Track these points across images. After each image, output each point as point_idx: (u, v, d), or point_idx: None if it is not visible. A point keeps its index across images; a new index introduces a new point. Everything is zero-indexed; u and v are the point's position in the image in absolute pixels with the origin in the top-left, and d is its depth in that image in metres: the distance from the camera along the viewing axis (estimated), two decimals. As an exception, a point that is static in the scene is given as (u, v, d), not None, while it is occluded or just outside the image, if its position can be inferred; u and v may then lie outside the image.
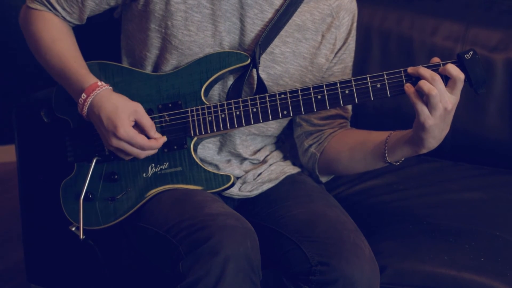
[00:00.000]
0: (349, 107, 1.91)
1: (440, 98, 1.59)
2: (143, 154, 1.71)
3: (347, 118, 1.90)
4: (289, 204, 1.79)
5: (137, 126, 1.71)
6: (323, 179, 1.93)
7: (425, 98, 1.60)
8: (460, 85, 1.61)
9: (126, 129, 1.67)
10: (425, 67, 1.63)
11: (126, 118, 1.68)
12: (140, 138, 1.69)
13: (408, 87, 1.62)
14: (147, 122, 1.70)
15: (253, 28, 1.76)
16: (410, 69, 1.64)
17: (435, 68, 1.63)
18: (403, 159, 1.75)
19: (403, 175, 2.24)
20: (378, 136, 1.76)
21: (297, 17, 1.79)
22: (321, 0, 1.81)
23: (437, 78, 1.60)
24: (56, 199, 1.81)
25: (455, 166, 2.31)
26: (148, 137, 1.71)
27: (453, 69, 1.60)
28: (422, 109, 1.61)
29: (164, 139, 1.73)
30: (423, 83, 1.60)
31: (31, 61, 2.00)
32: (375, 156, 1.76)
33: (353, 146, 1.81)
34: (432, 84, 1.60)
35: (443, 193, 2.14)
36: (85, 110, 1.71)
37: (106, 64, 1.79)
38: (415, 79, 1.63)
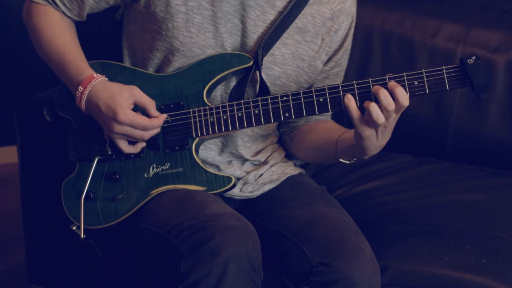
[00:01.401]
0: None
1: (384, 122, 1.60)
2: (147, 134, 1.71)
3: (327, 114, 1.93)
4: (290, 205, 1.80)
5: (136, 110, 1.71)
6: (297, 162, 1.99)
7: (367, 117, 1.60)
8: (403, 109, 1.61)
9: (125, 112, 1.67)
10: (391, 78, 1.62)
11: (124, 102, 1.67)
12: (141, 119, 1.68)
13: (349, 99, 1.62)
14: (146, 100, 1.70)
15: (255, 29, 1.77)
16: (390, 83, 1.62)
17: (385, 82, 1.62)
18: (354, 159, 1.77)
19: (404, 176, 2.24)
20: (333, 136, 1.78)
21: (299, 20, 1.79)
22: (323, 3, 1.81)
23: (391, 108, 1.59)
24: (58, 199, 1.81)
25: (456, 167, 2.31)
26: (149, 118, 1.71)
27: (403, 98, 1.59)
28: (363, 128, 1.61)
29: (164, 116, 1.72)
30: (373, 109, 1.59)
31: (33, 62, 2.01)
32: (329, 155, 1.79)
33: (313, 142, 1.85)
34: (384, 112, 1.59)
35: (444, 194, 2.14)
36: (83, 103, 1.71)
37: (109, 63, 1.80)
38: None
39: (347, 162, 1.76)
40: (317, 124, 1.90)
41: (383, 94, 1.59)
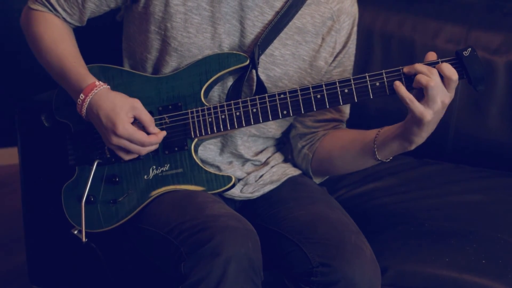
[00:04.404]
0: (346, 109, 1.90)
1: (438, 91, 1.59)
2: (144, 150, 1.71)
3: (343, 120, 1.90)
4: (291, 206, 1.80)
5: (137, 123, 1.71)
6: (317, 180, 1.94)
7: (424, 91, 1.59)
8: (453, 85, 1.61)
9: (125, 126, 1.67)
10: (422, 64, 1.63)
11: (125, 115, 1.68)
12: (140, 134, 1.69)
13: (398, 85, 1.61)
14: (146, 117, 1.70)
15: (253, 30, 1.77)
16: (405, 68, 1.64)
17: (432, 65, 1.63)
18: (391, 157, 1.75)
19: (405, 177, 2.24)
20: (368, 135, 1.76)
21: (298, 20, 1.79)
22: (322, 3, 1.81)
23: (434, 71, 1.60)
24: (58, 202, 1.81)
25: (456, 168, 2.31)
26: (148, 133, 1.71)
27: (446, 69, 1.60)
28: (416, 106, 1.60)
29: (163, 133, 1.73)
30: (420, 76, 1.59)
31: (33, 64, 2.00)
32: (365, 154, 1.77)
33: (344, 145, 1.81)
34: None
35: (444, 195, 2.14)
36: (84, 111, 1.71)
37: (106, 67, 1.80)
38: (413, 77, 1.63)
39: (385, 160, 1.75)
40: (339, 131, 1.87)
41: (446, 67, 1.59)
